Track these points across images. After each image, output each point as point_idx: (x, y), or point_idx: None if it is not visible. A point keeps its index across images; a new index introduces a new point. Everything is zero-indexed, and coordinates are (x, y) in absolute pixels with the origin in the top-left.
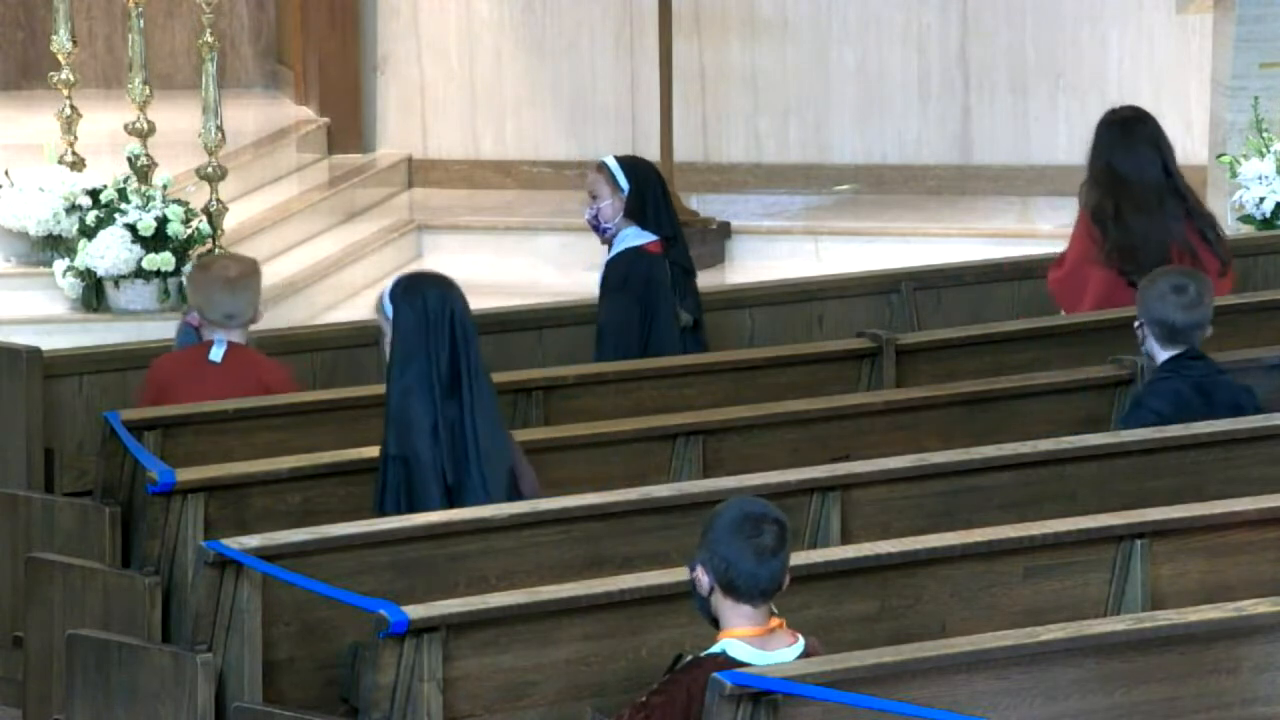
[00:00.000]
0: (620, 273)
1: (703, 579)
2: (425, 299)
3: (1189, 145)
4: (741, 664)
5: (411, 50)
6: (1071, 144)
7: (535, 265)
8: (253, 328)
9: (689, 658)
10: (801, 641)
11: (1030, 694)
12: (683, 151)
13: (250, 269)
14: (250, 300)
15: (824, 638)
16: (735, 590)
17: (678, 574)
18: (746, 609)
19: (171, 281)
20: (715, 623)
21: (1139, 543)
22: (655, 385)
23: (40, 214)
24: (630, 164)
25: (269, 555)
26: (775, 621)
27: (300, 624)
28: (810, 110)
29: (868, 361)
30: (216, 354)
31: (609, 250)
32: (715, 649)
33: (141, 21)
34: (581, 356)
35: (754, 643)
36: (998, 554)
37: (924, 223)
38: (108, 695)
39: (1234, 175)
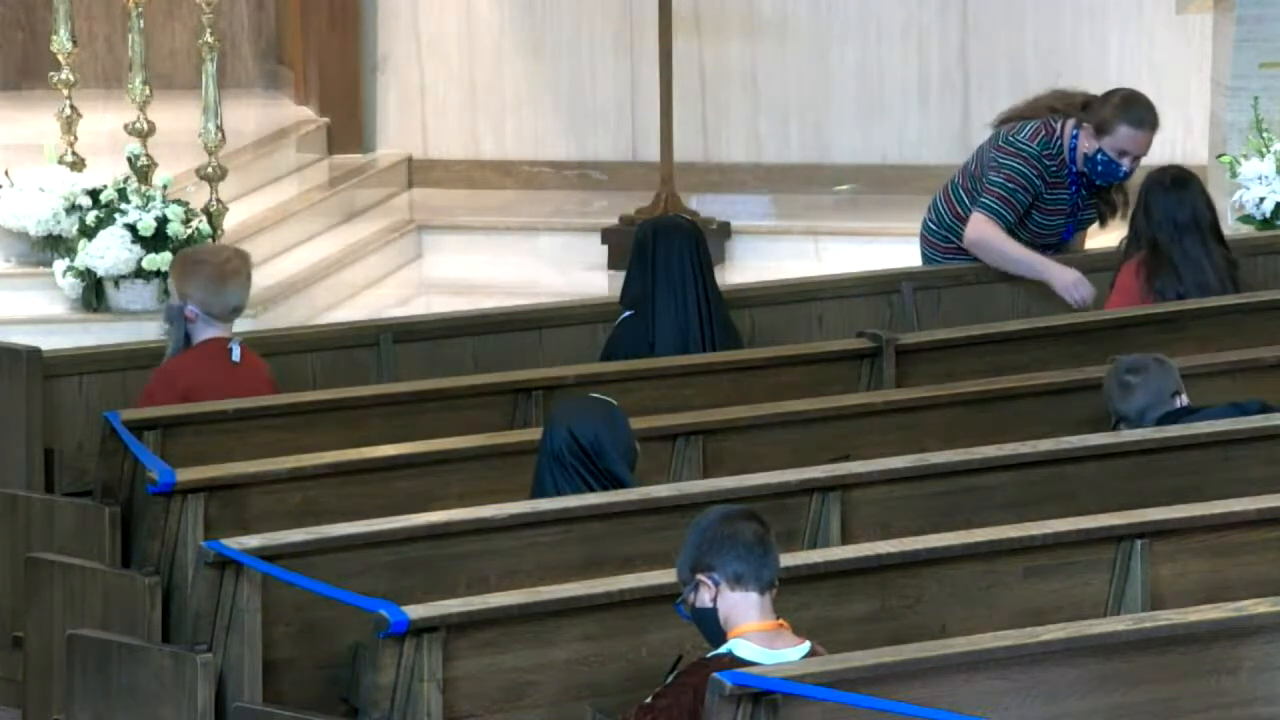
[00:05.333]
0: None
1: (706, 584)
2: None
3: (1189, 145)
4: (748, 664)
5: (411, 50)
6: None
7: (535, 265)
8: (252, 327)
9: (694, 658)
10: (808, 643)
11: (1030, 694)
12: (683, 151)
13: (246, 258)
14: (249, 289)
15: (824, 638)
16: (741, 577)
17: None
18: (754, 597)
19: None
20: (718, 637)
21: (1139, 543)
22: (655, 385)
23: (40, 214)
24: (640, 231)
25: (269, 555)
26: (781, 622)
27: (300, 624)
28: (810, 110)
29: (868, 361)
30: (237, 354)
31: None
32: (722, 650)
33: (141, 21)
34: (581, 356)
35: (762, 640)
36: (998, 554)
37: None
38: (108, 695)
39: (1234, 175)
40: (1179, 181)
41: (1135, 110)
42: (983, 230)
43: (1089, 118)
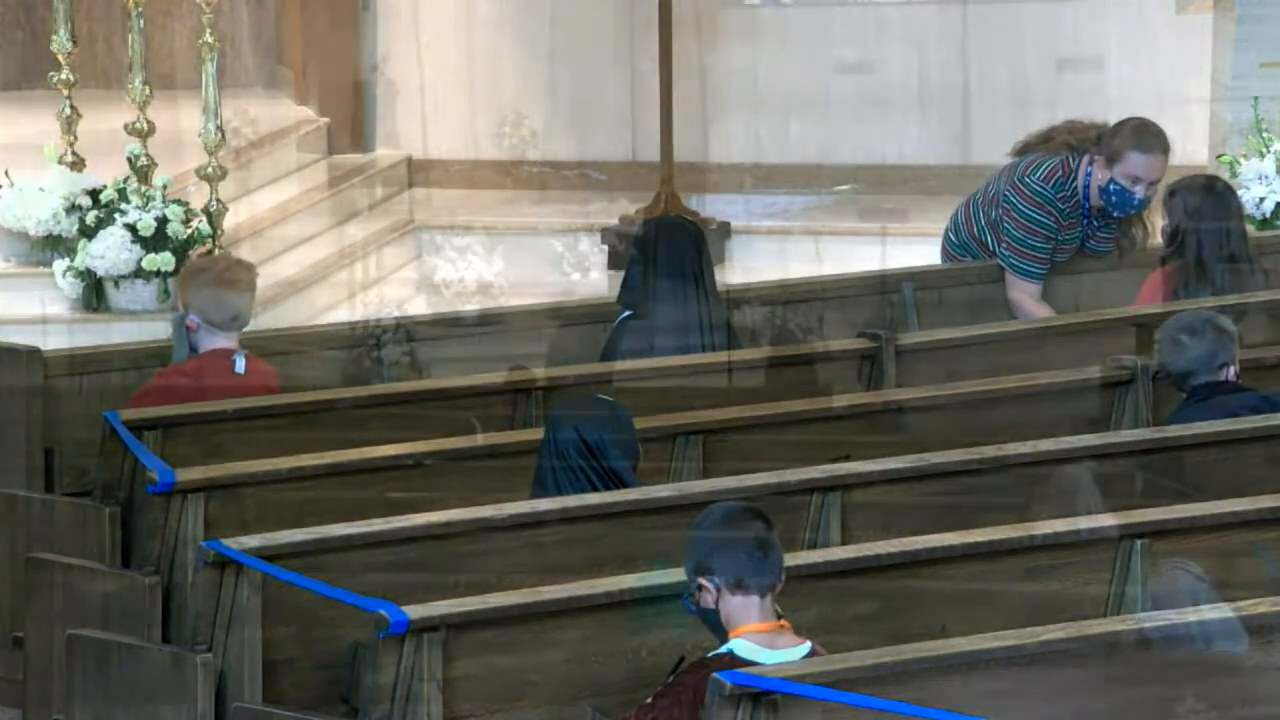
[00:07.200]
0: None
1: (708, 587)
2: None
3: (1189, 145)
4: (748, 663)
5: (411, 50)
6: None
7: (535, 265)
8: (252, 327)
9: (695, 658)
10: (808, 643)
11: (1030, 694)
12: (683, 151)
13: (250, 269)
14: (252, 300)
15: (824, 638)
16: (743, 583)
17: (678, 574)
18: (755, 600)
19: (171, 281)
20: (723, 636)
21: (1139, 543)
22: (655, 385)
23: (40, 214)
24: (641, 230)
25: (269, 555)
26: (782, 623)
27: (300, 624)
28: (810, 110)
29: (868, 361)
30: (241, 365)
31: None
32: (722, 650)
33: (141, 21)
34: (581, 356)
35: (762, 640)
36: (998, 554)
37: (924, 223)
38: (108, 695)
39: (1234, 175)
40: (1214, 188)
41: (1143, 136)
42: (1018, 300)
43: (1100, 150)
